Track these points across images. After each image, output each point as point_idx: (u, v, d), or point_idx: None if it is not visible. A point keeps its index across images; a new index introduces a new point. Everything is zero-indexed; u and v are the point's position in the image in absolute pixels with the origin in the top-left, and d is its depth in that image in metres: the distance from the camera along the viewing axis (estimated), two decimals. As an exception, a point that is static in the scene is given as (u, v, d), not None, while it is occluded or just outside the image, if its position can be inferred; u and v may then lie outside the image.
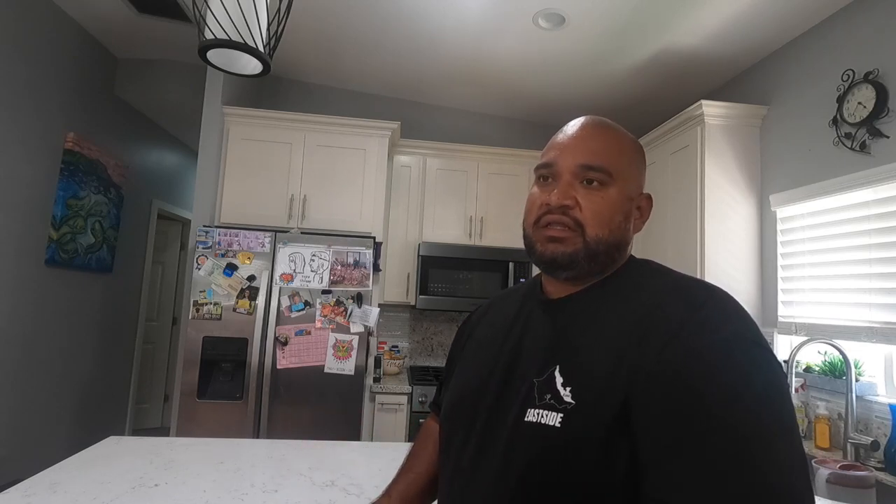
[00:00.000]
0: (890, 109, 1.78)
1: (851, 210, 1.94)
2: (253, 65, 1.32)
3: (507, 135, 3.56)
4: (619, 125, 0.70)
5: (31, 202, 2.69)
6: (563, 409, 0.55)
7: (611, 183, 0.63)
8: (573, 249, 0.62)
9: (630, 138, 0.69)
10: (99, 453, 1.37)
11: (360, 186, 2.80)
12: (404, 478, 0.83)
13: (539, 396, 0.58)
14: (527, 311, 0.71)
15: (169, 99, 3.45)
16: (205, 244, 2.43)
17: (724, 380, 0.48)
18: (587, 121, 0.69)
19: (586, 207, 0.62)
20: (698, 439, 0.46)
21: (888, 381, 1.79)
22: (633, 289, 0.62)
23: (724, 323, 0.53)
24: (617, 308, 0.60)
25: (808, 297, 2.11)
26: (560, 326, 0.64)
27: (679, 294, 0.57)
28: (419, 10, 2.42)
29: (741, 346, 0.51)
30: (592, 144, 0.65)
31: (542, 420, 0.56)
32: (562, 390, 0.56)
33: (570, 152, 0.65)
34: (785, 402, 0.48)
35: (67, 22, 2.83)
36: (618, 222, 0.64)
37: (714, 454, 0.45)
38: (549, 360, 0.60)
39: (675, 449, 0.47)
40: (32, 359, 2.78)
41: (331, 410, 2.42)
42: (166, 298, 4.50)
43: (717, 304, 0.55)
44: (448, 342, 3.38)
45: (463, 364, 0.77)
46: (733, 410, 0.46)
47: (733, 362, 0.49)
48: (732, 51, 2.45)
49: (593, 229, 0.62)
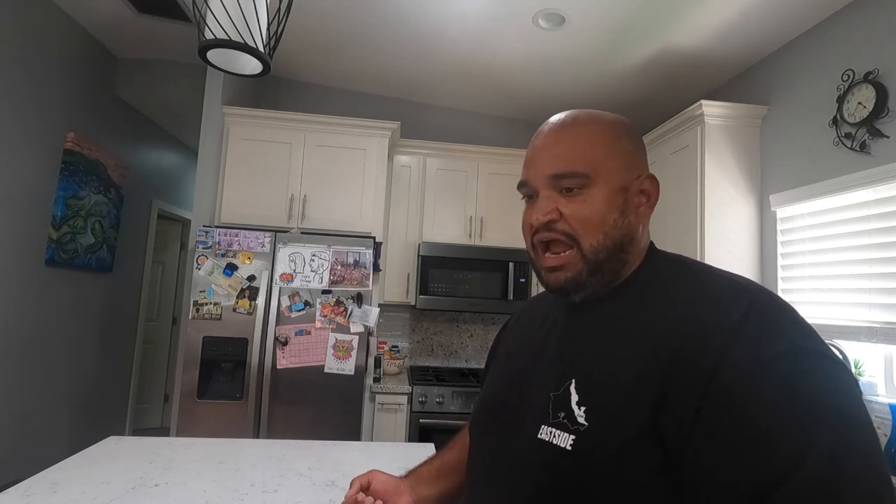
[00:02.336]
0: (890, 109, 1.78)
1: (851, 210, 1.94)
2: (253, 65, 1.32)
3: (507, 135, 3.56)
4: (598, 111, 0.64)
5: (31, 202, 2.69)
6: (574, 430, 0.52)
7: (590, 184, 0.59)
8: (574, 273, 0.59)
9: (606, 124, 0.62)
10: (99, 453, 1.37)
11: (360, 186, 2.80)
12: (428, 461, 0.84)
13: (553, 413, 0.55)
14: (552, 318, 0.68)
15: (169, 99, 3.45)
16: (205, 244, 2.43)
17: (793, 414, 0.42)
18: (551, 124, 0.64)
19: (571, 217, 0.59)
20: (780, 491, 0.40)
21: (888, 381, 1.79)
22: (658, 292, 0.57)
23: (777, 334, 0.46)
24: (637, 315, 0.56)
25: (808, 296, 2.11)
26: (578, 335, 0.60)
27: (714, 299, 0.51)
28: (419, 10, 2.42)
29: (803, 363, 0.44)
30: (557, 150, 0.61)
31: (554, 440, 0.53)
32: (576, 409, 0.53)
33: (538, 165, 0.62)
34: (865, 422, 0.43)
35: (67, 22, 2.83)
36: (612, 221, 0.59)
37: (802, 495, 0.40)
38: (566, 373, 0.57)
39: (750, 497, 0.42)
40: (32, 359, 2.78)
41: (331, 410, 2.42)
42: (166, 298, 4.50)
43: (763, 307, 0.48)
44: (448, 342, 3.39)
45: (493, 374, 0.75)
46: (813, 454, 0.40)
47: (798, 386, 0.43)
48: (732, 51, 2.45)
49: (587, 238, 0.58)
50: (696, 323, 0.49)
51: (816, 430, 0.41)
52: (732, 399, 0.44)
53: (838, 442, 0.41)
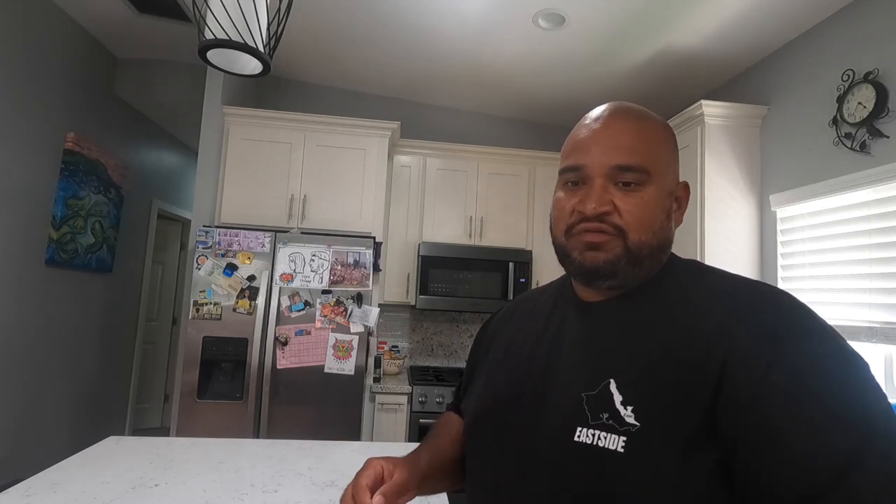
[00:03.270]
0: (890, 109, 1.78)
1: (851, 210, 1.94)
2: (253, 65, 1.33)
3: (508, 135, 3.56)
4: (646, 109, 0.63)
5: (32, 202, 2.69)
6: (624, 431, 0.49)
7: (649, 181, 0.57)
8: (614, 256, 0.56)
9: (661, 124, 0.62)
10: (99, 453, 1.37)
11: (360, 186, 2.80)
12: (430, 450, 0.71)
13: (592, 414, 0.52)
14: (560, 315, 0.65)
15: (169, 99, 3.45)
16: (205, 244, 2.43)
17: (841, 407, 0.43)
18: (613, 111, 0.61)
19: (626, 212, 0.56)
20: (834, 493, 0.41)
21: (888, 382, 1.79)
22: (688, 295, 0.55)
23: (822, 337, 0.47)
24: (675, 318, 0.54)
25: (809, 297, 2.10)
26: (604, 334, 0.58)
27: (757, 299, 0.51)
28: (419, 11, 2.42)
29: (848, 363, 0.46)
30: (624, 140, 0.57)
31: (600, 443, 0.50)
32: (622, 409, 0.50)
33: (599, 152, 0.57)
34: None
35: (68, 22, 2.83)
36: (660, 222, 0.57)
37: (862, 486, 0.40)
38: (600, 371, 0.54)
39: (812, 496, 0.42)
40: (32, 359, 2.78)
41: (331, 410, 2.42)
42: (166, 298, 4.50)
43: (800, 311, 0.50)
44: (448, 342, 3.39)
45: (491, 371, 0.71)
46: (867, 457, 0.41)
47: (846, 383, 0.45)
48: (732, 51, 2.45)
49: (636, 234, 0.56)
50: (744, 322, 0.49)
51: (868, 428, 0.42)
52: (787, 396, 0.44)
53: (889, 441, 0.42)
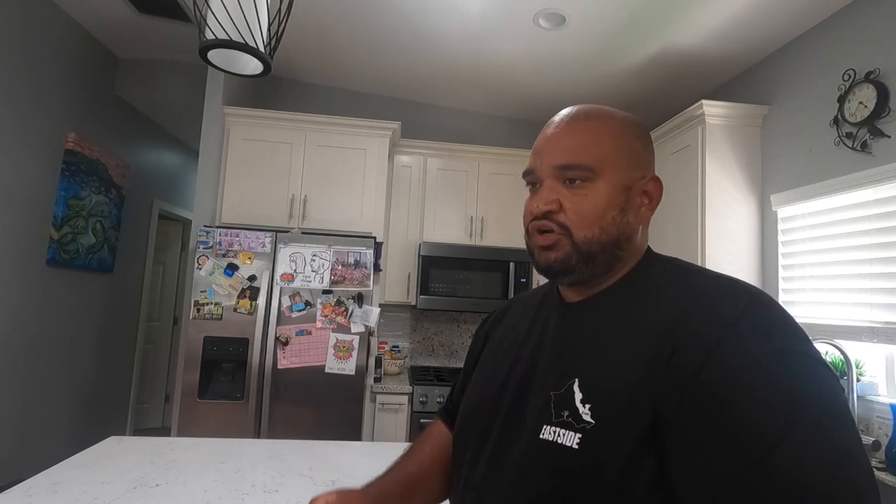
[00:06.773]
0: (891, 109, 1.78)
1: (852, 210, 1.94)
2: (253, 65, 1.33)
3: (508, 135, 3.56)
4: (610, 108, 0.66)
5: (32, 202, 2.69)
6: (580, 428, 0.51)
7: (594, 178, 0.59)
8: (564, 254, 0.60)
9: (617, 121, 0.64)
10: (100, 453, 1.37)
11: (360, 186, 2.81)
12: (389, 475, 0.75)
13: (556, 412, 0.54)
14: (544, 315, 0.67)
15: (169, 99, 3.45)
16: (205, 244, 2.43)
17: (771, 404, 0.43)
18: (566, 115, 0.65)
19: (570, 209, 0.60)
20: (749, 475, 0.42)
21: (889, 381, 1.79)
22: (657, 293, 0.57)
23: (767, 336, 0.47)
24: (639, 315, 0.56)
25: (809, 297, 2.10)
26: (576, 334, 0.60)
27: (712, 301, 0.52)
28: (420, 11, 2.42)
29: (790, 362, 0.45)
30: (567, 142, 0.62)
31: (559, 440, 0.53)
32: (580, 407, 0.53)
33: (546, 154, 0.63)
34: (846, 423, 0.44)
35: (68, 22, 2.84)
36: (611, 218, 0.59)
37: (768, 490, 0.41)
38: (568, 371, 0.57)
39: (725, 488, 0.43)
40: (33, 359, 2.78)
41: (331, 410, 2.42)
42: (167, 298, 4.50)
43: (757, 312, 0.49)
44: (448, 342, 3.39)
45: (479, 372, 0.73)
46: (790, 440, 0.41)
47: (781, 381, 0.44)
48: (733, 51, 2.45)
49: (580, 231, 0.59)
50: (692, 324, 0.50)
51: (793, 420, 0.42)
52: (713, 394, 0.45)
53: (815, 433, 0.42)
